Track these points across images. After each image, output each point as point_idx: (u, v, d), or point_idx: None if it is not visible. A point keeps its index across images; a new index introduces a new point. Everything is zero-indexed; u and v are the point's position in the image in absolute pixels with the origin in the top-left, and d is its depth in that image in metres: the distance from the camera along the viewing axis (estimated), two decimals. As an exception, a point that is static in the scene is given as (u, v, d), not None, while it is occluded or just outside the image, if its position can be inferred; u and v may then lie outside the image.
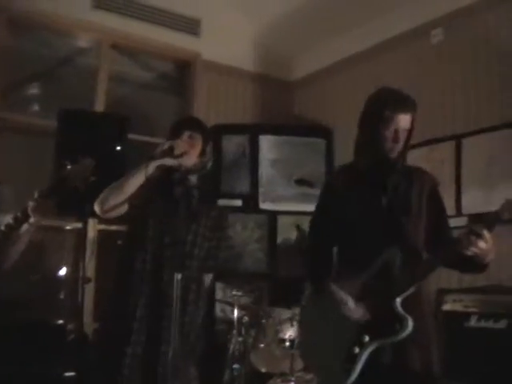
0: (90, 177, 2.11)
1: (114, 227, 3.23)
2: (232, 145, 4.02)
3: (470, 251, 1.74)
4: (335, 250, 2.07)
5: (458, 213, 3.30)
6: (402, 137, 1.92)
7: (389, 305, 1.82)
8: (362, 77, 3.97)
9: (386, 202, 1.91)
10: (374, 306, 1.84)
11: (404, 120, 1.91)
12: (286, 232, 3.89)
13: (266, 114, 4.39)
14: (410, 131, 1.94)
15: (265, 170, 3.98)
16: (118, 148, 2.93)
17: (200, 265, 2.07)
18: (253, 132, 4.09)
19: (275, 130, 4.12)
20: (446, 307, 2.98)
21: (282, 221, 3.93)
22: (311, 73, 4.50)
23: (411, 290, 1.83)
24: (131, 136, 3.13)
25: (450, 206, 3.13)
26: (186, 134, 2.10)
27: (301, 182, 3.96)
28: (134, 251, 2.04)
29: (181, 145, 2.04)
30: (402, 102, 1.91)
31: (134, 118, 3.12)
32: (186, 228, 2.03)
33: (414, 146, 2.35)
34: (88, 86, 3.85)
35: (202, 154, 2.12)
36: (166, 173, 2.04)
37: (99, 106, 3.90)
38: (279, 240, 3.89)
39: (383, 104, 1.90)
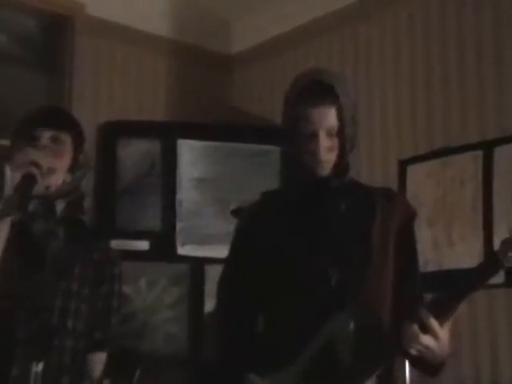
0: None
1: None
2: (133, 154, 3.47)
3: (411, 348, 1.59)
4: (259, 322, 1.89)
5: (489, 260, 2.98)
6: (328, 143, 1.74)
7: None
8: (329, 51, 3.66)
9: (325, 244, 1.77)
10: None
11: (324, 117, 1.74)
12: None
13: (189, 106, 3.80)
14: (342, 131, 1.75)
15: (186, 194, 3.49)
16: None
17: (78, 343, 1.83)
18: (167, 134, 3.54)
19: (202, 131, 3.58)
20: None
21: (213, 273, 3.13)
22: (258, 44, 3.93)
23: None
24: None
25: (474, 250, 2.88)
26: (45, 136, 1.85)
27: (240, 212, 2.96)
28: None
29: (38, 155, 1.77)
30: (315, 92, 1.74)
31: None
32: (51, 288, 1.79)
33: (413, 160, 2.63)
34: None
35: (73, 166, 1.88)
36: None
37: None
38: (208, 305, 3.32)
39: (293, 100, 1.76)
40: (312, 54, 3.74)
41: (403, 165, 3.08)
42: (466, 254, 2.83)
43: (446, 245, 2.91)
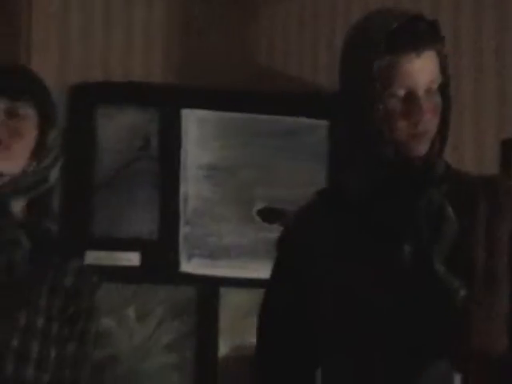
0: None
1: None
2: (118, 130, 2.95)
3: None
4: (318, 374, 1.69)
5: None
6: (430, 105, 1.52)
7: None
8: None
9: (412, 252, 1.54)
10: None
11: (425, 68, 1.53)
12: (239, 326, 2.87)
13: (195, 62, 3.11)
14: (445, 88, 1.56)
15: (193, 187, 2.96)
16: None
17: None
18: (167, 101, 2.99)
19: (216, 98, 3.02)
20: None
21: (231, 300, 2.90)
22: None
23: None
24: None
25: None
26: None
27: (271, 214, 2.94)
28: None
29: None
30: (415, 33, 1.53)
31: None
32: (11, 314, 1.67)
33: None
34: None
35: (39, 150, 1.71)
36: None
37: None
38: (223, 345, 2.85)
39: (376, 43, 1.52)
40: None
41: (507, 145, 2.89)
42: None
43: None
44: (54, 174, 1.76)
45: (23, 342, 1.70)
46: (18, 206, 1.70)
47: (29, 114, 1.72)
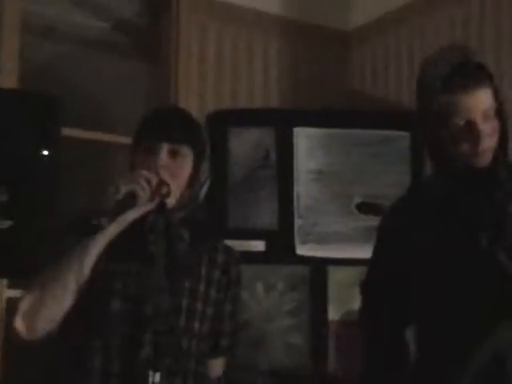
0: None
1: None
2: (246, 145, 3.43)
3: None
4: (412, 332, 1.86)
5: None
6: (488, 129, 1.65)
7: None
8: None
9: (488, 241, 1.68)
10: None
11: (480, 101, 1.66)
12: (344, 296, 3.27)
13: (304, 90, 3.70)
14: (501, 112, 1.68)
15: (304, 188, 3.42)
16: (45, 153, 2.63)
17: (203, 347, 1.87)
18: (282, 122, 3.45)
19: (321, 117, 3.49)
20: None
21: (337, 276, 3.31)
22: (379, 16, 3.82)
23: None
24: (67, 131, 2.90)
25: None
26: (163, 149, 1.80)
27: (366, 207, 3.36)
28: (86, 336, 1.81)
29: (153, 178, 1.75)
30: (466, 76, 1.66)
31: (70, 99, 2.84)
32: (178, 289, 1.83)
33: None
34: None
35: (193, 180, 1.86)
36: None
37: (7, 80, 3.21)
38: (332, 311, 3.26)
39: (434, 79, 1.69)
40: (438, 25, 3.51)
41: None
42: None
43: None
44: (203, 193, 1.95)
45: (190, 303, 1.89)
46: (178, 216, 1.88)
47: (187, 153, 1.88)
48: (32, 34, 3.49)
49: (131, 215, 1.77)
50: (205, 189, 1.93)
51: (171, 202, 1.83)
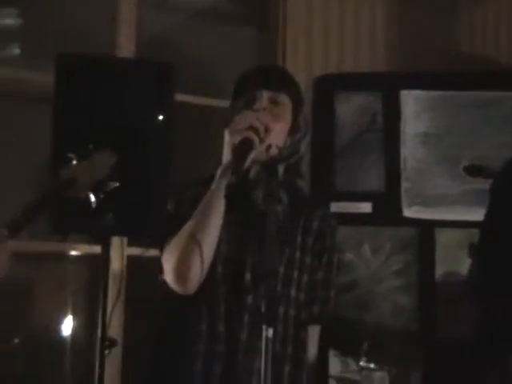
0: (108, 183, 2.07)
1: (154, 251, 2.76)
2: (352, 109, 3.47)
3: None
4: None
5: None
6: None
7: None
8: None
9: None
10: None
11: None
12: (451, 258, 3.29)
13: (410, 54, 3.65)
14: None
15: (411, 151, 3.43)
16: (160, 117, 2.67)
17: (298, 314, 1.88)
18: (389, 86, 3.48)
19: (428, 80, 3.47)
20: None
21: (444, 238, 3.32)
22: None
23: None
24: (181, 97, 2.95)
25: None
26: (263, 98, 1.86)
27: (475, 170, 3.35)
28: (193, 300, 1.83)
29: (260, 118, 1.76)
30: None
31: (184, 66, 2.87)
32: (275, 255, 1.78)
33: None
34: (105, 13, 3.44)
35: (293, 129, 1.89)
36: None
37: (125, 49, 3.37)
38: (439, 272, 3.28)
39: None
40: None
41: None
42: None
43: None
44: (304, 146, 1.95)
45: (287, 270, 1.92)
46: (280, 170, 1.90)
47: (286, 102, 1.92)
48: (148, 6, 3.50)
49: (248, 162, 1.76)
50: (305, 143, 1.94)
51: (274, 151, 1.85)
